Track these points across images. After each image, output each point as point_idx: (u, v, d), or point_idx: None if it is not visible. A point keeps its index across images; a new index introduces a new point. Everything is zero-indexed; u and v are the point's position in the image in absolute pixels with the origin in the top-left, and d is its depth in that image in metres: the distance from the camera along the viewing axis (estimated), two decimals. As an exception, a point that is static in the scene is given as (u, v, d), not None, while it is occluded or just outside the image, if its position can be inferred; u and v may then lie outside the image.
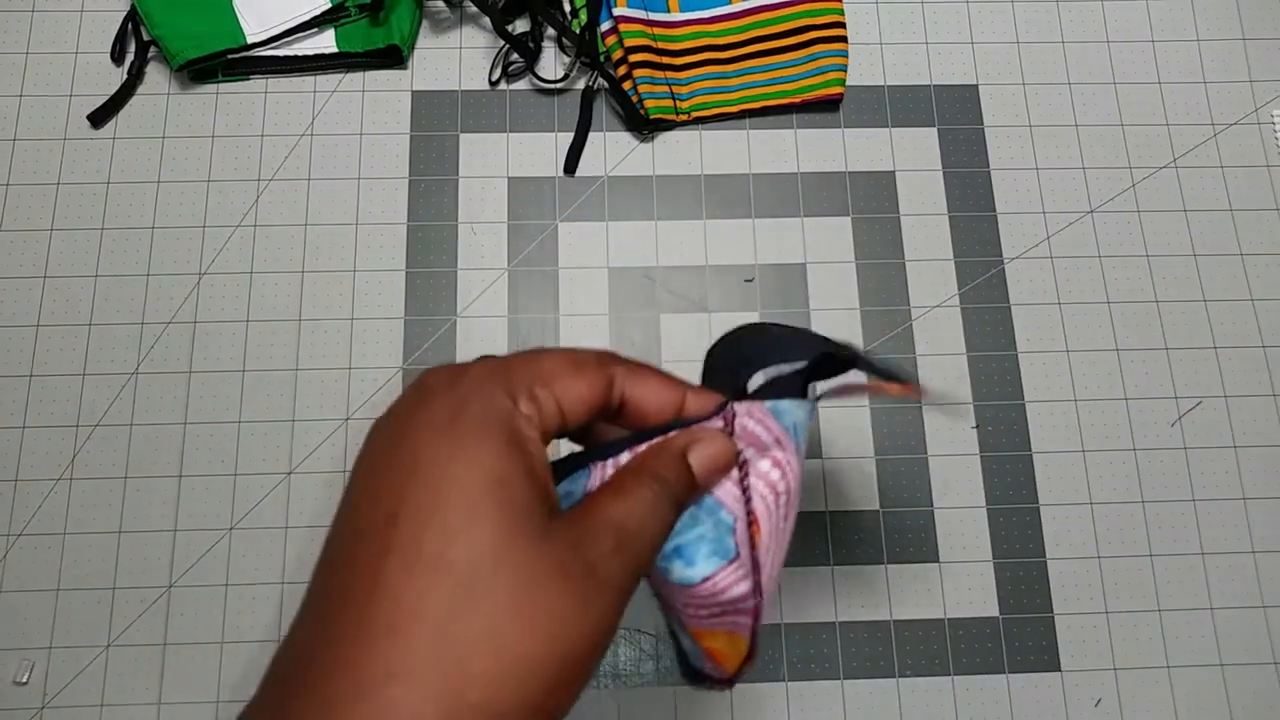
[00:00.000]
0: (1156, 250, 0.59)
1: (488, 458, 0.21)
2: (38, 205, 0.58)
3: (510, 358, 0.24)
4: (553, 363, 0.24)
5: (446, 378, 0.23)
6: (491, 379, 0.23)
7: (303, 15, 0.59)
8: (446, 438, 0.21)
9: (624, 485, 0.24)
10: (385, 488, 0.21)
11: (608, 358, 0.25)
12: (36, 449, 0.54)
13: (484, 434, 0.21)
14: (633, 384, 0.25)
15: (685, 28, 0.61)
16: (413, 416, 0.22)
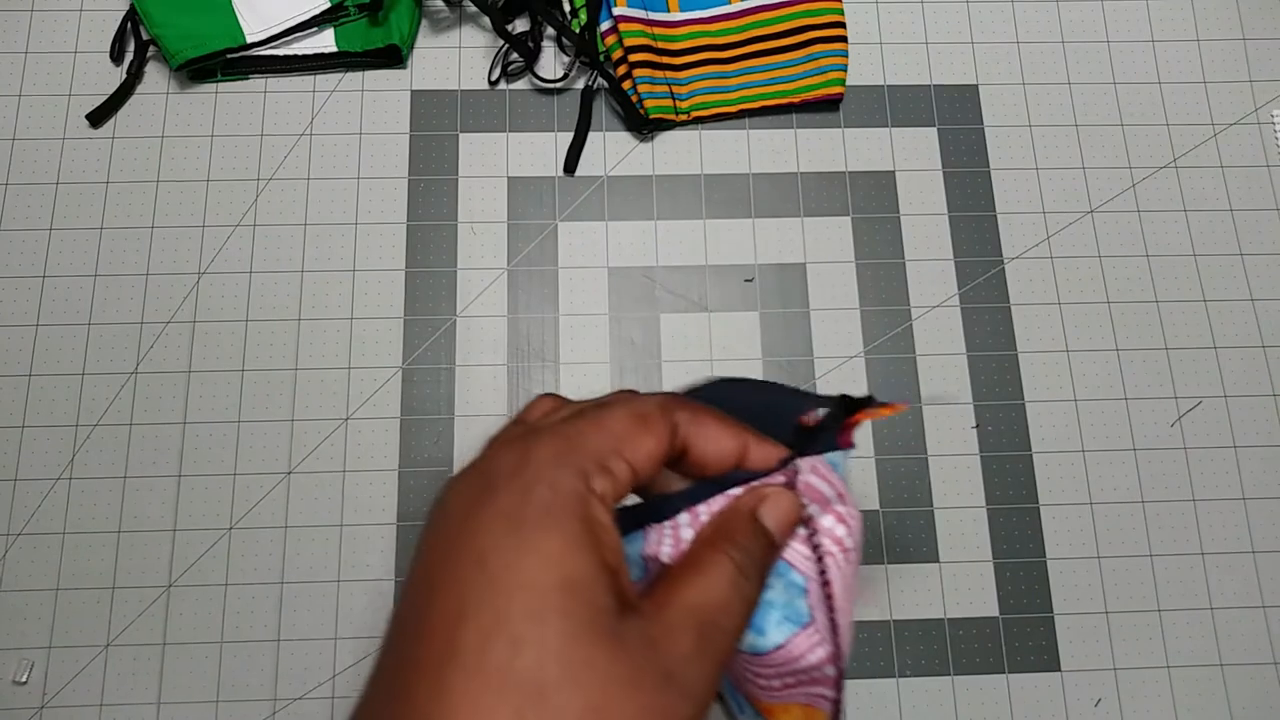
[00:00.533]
0: (1156, 250, 0.59)
1: (557, 554, 0.19)
2: (37, 205, 0.58)
3: (578, 423, 0.22)
4: (620, 422, 0.22)
5: (515, 460, 0.21)
6: (561, 458, 0.21)
7: (302, 15, 0.59)
8: (514, 532, 0.19)
9: (700, 561, 0.22)
10: (449, 584, 0.19)
11: (670, 404, 0.24)
12: (36, 449, 0.54)
13: (554, 526, 0.19)
14: (694, 431, 0.24)
15: (685, 27, 0.61)
16: (479, 504, 0.20)
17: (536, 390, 0.56)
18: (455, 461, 0.54)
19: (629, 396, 0.24)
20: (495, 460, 0.21)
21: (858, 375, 0.56)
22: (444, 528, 0.21)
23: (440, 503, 0.22)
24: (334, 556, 0.53)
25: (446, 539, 0.20)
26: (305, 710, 0.51)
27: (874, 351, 0.57)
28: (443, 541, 0.20)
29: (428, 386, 0.56)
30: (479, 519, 0.20)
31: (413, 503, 0.54)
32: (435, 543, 0.21)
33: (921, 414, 0.56)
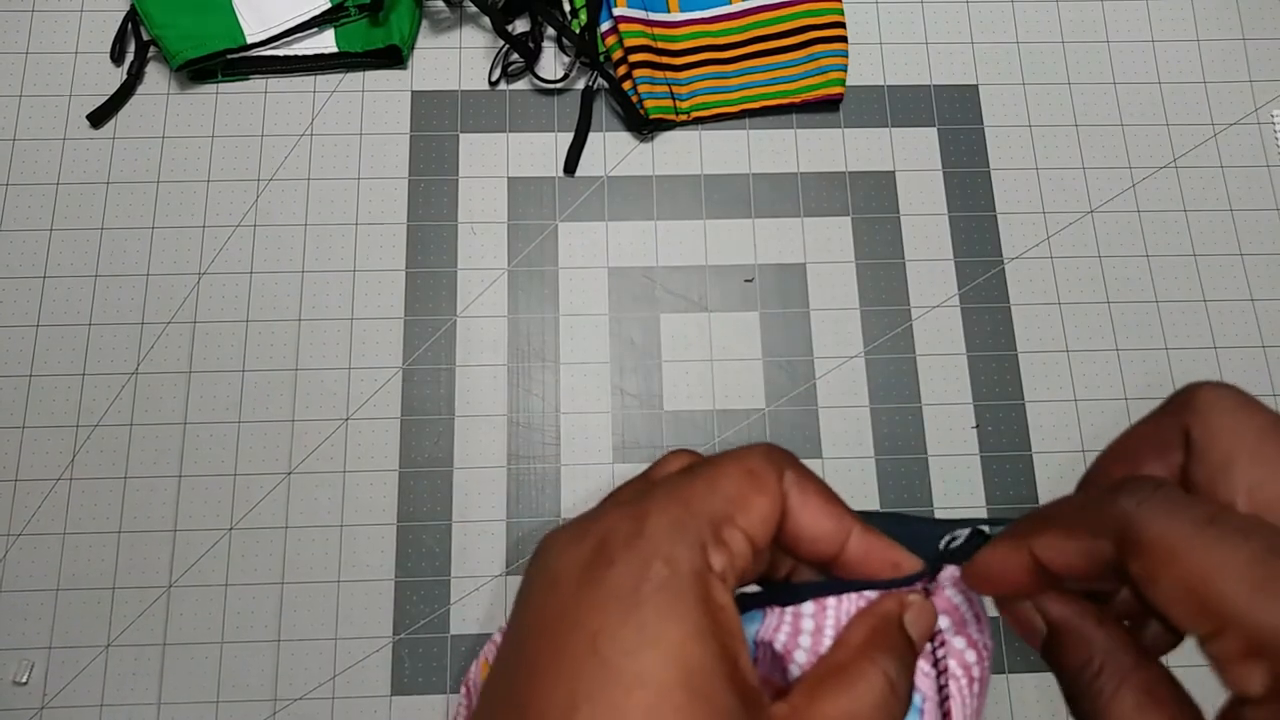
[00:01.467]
0: (1156, 250, 0.59)
1: (678, 644, 0.17)
2: (37, 205, 0.58)
3: (693, 484, 0.20)
4: (733, 481, 0.20)
5: (630, 527, 0.19)
6: (678, 527, 0.19)
7: (303, 15, 0.59)
8: (630, 615, 0.17)
9: (848, 669, 0.19)
10: (558, 668, 0.18)
11: (778, 457, 0.21)
12: (36, 449, 0.54)
13: (673, 611, 0.17)
14: (797, 498, 0.21)
15: (685, 28, 0.61)
16: (591, 577, 0.18)
17: (537, 390, 0.56)
18: (455, 461, 0.54)
19: (737, 451, 0.21)
20: (609, 524, 0.19)
21: (858, 375, 0.56)
22: (551, 598, 0.19)
23: (545, 564, 0.19)
24: (334, 556, 0.53)
25: (555, 612, 0.18)
26: (305, 710, 0.51)
27: (874, 351, 0.57)
28: (550, 615, 0.18)
29: (428, 386, 0.56)
30: (591, 595, 0.18)
31: (413, 503, 0.54)
32: (541, 614, 0.19)
33: (921, 414, 0.56)
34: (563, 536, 0.20)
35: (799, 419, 0.55)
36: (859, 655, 0.20)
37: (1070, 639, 0.20)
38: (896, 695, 0.19)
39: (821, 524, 0.21)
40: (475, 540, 0.53)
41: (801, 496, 0.21)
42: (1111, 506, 0.18)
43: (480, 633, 0.52)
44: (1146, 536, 0.17)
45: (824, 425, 0.55)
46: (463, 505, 0.54)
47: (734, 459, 0.21)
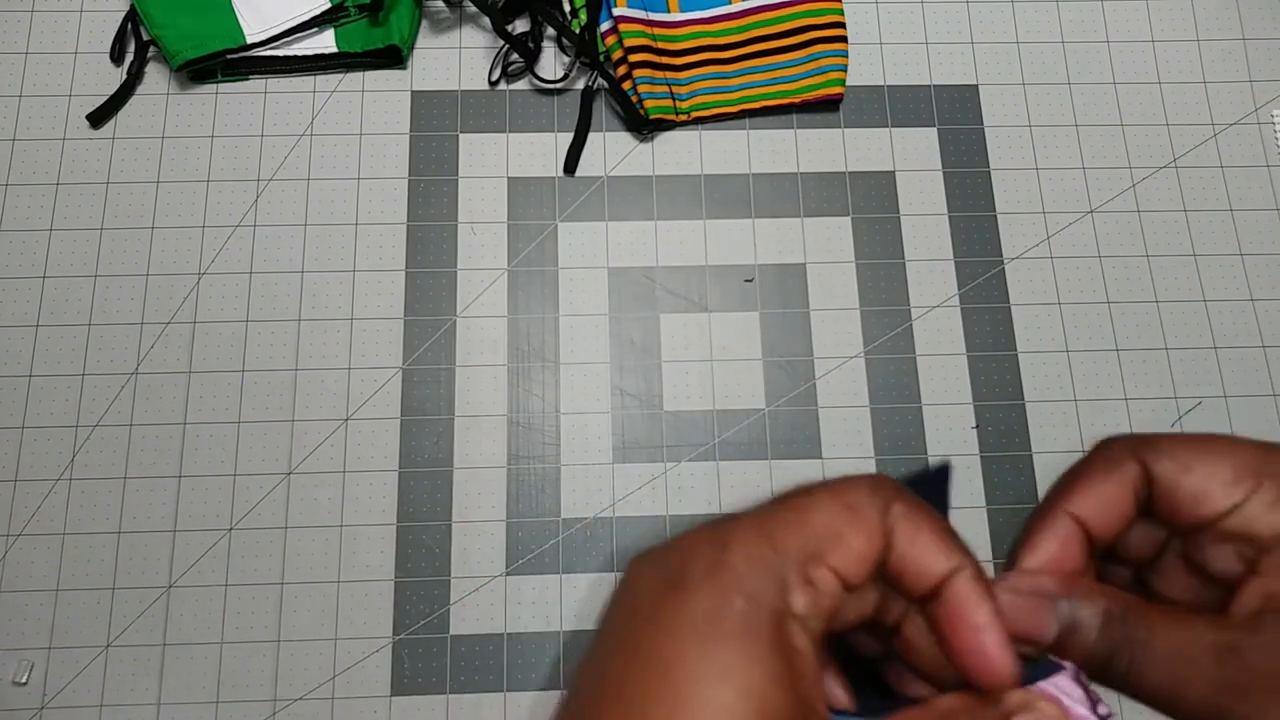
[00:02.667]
0: (1156, 250, 0.59)
1: (754, 685, 0.17)
2: (37, 205, 0.58)
3: (779, 515, 0.19)
4: (826, 517, 0.19)
5: (710, 558, 0.18)
6: (759, 563, 0.18)
7: (302, 15, 0.59)
8: (705, 646, 0.17)
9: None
10: (630, 689, 0.17)
11: (885, 493, 0.19)
12: (36, 449, 0.54)
13: (748, 650, 0.17)
14: (904, 535, 0.19)
15: (685, 28, 0.61)
16: (668, 603, 0.18)
17: (537, 390, 0.56)
18: (455, 461, 0.54)
19: (838, 483, 0.20)
20: (691, 552, 0.19)
21: (858, 375, 0.56)
22: (630, 621, 0.18)
23: (627, 585, 0.19)
24: (334, 556, 0.53)
25: (631, 634, 0.18)
26: (305, 710, 0.51)
27: (874, 351, 0.57)
28: (627, 636, 0.18)
29: (428, 386, 0.56)
30: (668, 621, 0.18)
31: (413, 503, 0.54)
32: (618, 635, 0.19)
33: (922, 414, 0.56)
34: (646, 558, 0.19)
35: (799, 419, 0.55)
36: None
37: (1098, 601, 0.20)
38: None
39: (927, 561, 0.19)
40: (475, 540, 0.53)
41: (911, 531, 0.19)
42: (1113, 444, 0.21)
43: (480, 633, 0.52)
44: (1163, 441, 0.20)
45: (824, 425, 0.55)
46: (463, 505, 0.54)
47: (832, 492, 0.19)
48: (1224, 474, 0.20)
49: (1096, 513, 0.21)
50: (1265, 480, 0.20)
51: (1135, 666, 0.19)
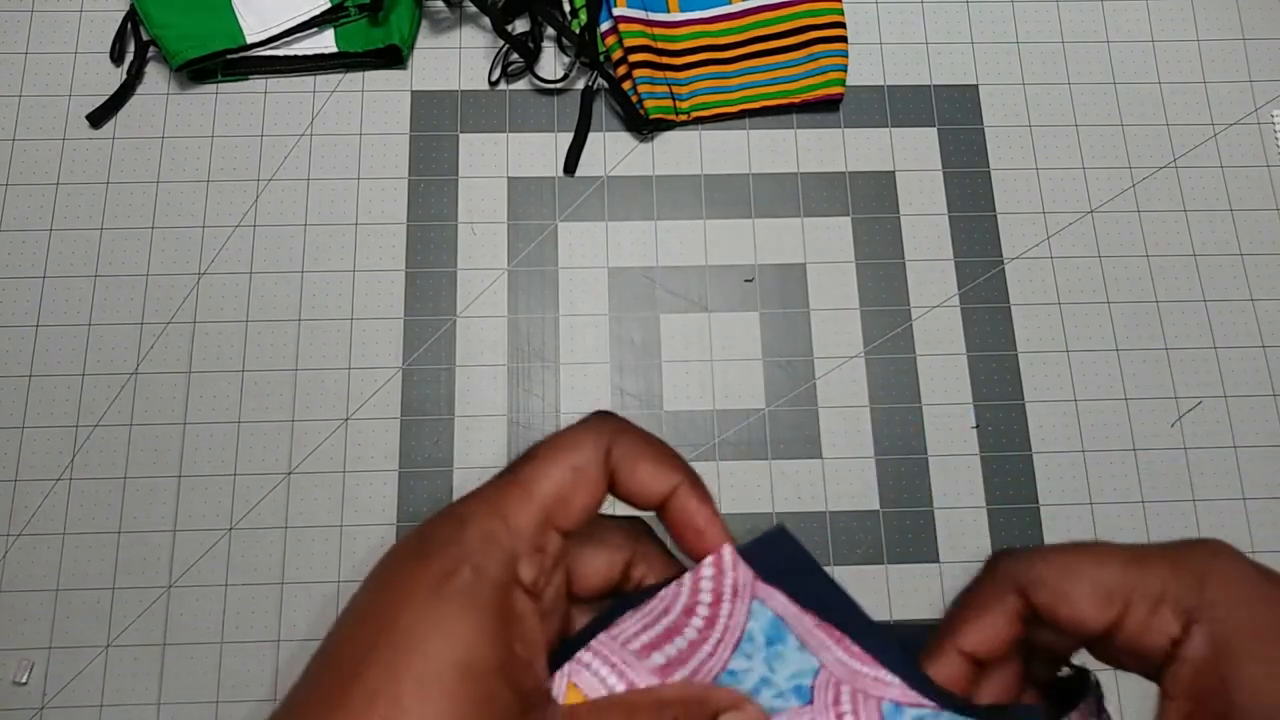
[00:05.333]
0: (1156, 250, 0.59)
1: (463, 636, 0.19)
2: (37, 205, 0.58)
3: (509, 493, 0.21)
4: (553, 485, 0.21)
5: (450, 531, 0.21)
6: (490, 540, 0.21)
7: (302, 15, 0.59)
8: (429, 604, 0.20)
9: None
10: (359, 633, 0.20)
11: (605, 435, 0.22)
12: (36, 449, 0.54)
13: (467, 610, 0.19)
14: (624, 471, 0.22)
15: (685, 28, 0.61)
16: (406, 570, 0.21)
17: (537, 390, 0.56)
18: (455, 461, 0.54)
19: (562, 442, 0.22)
20: (437, 527, 0.21)
21: (858, 375, 0.56)
22: (375, 580, 0.21)
23: (383, 559, 0.21)
24: (334, 556, 0.53)
25: (373, 590, 0.21)
26: (305, 710, 0.51)
27: (874, 351, 0.57)
28: (368, 592, 0.21)
29: (428, 386, 0.56)
30: (404, 580, 0.20)
31: (413, 503, 0.54)
32: (362, 592, 0.21)
33: (922, 414, 0.56)
34: (404, 537, 0.22)
35: (799, 419, 0.55)
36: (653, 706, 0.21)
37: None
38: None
39: (648, 489, 0.23)
40: (475, 540, 0.53)
41: (630, 467, 0.22)
42: (997, 573, 0.23)
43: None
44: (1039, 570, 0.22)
45: (824, 425, 0.55)
46: (463, 505, 0.54)
47: (557, 455, 0.22)
48: (1096, 599, 0.21)
49: (984, 645, 0.22)
50: (1135, 600, 0.21)
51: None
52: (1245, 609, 0.20)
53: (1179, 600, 0.20)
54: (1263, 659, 0.20)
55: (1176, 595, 0.21)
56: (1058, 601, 0.21)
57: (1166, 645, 0.20)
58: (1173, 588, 0.21)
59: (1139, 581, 0.21)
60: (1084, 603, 0.21)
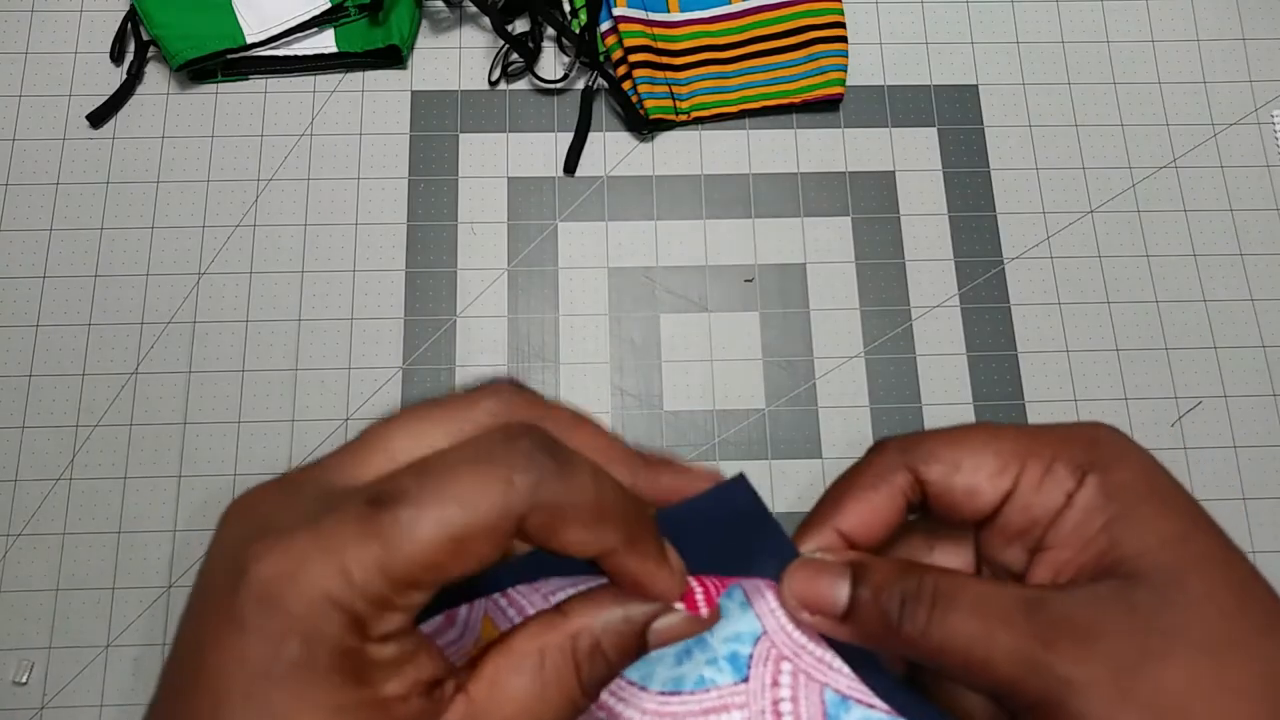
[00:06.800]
0: (1156, 250, 0.59)
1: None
2: (37, 205, 0.58)
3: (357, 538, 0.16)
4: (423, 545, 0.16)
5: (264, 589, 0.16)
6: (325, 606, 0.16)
7: (302, 15, 0.59)
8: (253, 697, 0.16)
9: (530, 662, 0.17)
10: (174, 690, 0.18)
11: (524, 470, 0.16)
12: (36, 449, 0.54)
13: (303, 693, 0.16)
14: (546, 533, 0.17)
15: (685, 28, 0.61)
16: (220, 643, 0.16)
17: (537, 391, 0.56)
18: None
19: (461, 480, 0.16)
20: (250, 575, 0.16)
21: (858, 375, 0.56)
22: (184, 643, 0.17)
23: (193, 600, 0.17)
24: (334, 556, 0.53)
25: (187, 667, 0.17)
26: (305, 710, 0.51)
27: (874, 351, 0.57)
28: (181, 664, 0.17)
29: (428, 387, 0.56)
30: (220, 661, 0.16)
31: (413, 503, 0.54)
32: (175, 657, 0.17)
33: (922, 414, 0.56)
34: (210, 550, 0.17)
35: (799, 419, 0.55)
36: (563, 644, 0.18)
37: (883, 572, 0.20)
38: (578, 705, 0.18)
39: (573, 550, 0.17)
40: (475, 540, 0.53)
41: (552, 531, 0.17)
42: (885, 450, 0.21)
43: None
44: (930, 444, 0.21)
45: (824, 425, 0.55)
46: (463, 505, 0.54)
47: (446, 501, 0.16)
48: (989, 465, 0.20)
49: (863, 526, 0.21)
50: (1029, 461, 0.20)
51: (936, 621, 0.19)
52: (1139, 462, 0.20)
53: (1073, 457, 0.20)
54: (1157, 498, 0.19)
55: (1070, 453, 0.20)
56: (951, 473, 0.20)
57: (1061, 501, 0.20)
58: (1066, 448, 0.20)
59: (1033, 445, 0.20)
60: (979, 472, 0.20)
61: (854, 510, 0.21)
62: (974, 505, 0.20)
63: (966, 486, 0.20)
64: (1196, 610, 0.18)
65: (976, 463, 0.20)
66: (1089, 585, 0.19)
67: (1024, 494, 0.20)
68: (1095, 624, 0.18)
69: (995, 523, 0.21)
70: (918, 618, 0.19)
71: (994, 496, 0.20)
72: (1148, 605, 0.18)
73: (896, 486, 0.21)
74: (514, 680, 0.17)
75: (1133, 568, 0.18)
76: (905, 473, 0.21)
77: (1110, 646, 0.18)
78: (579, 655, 0.18)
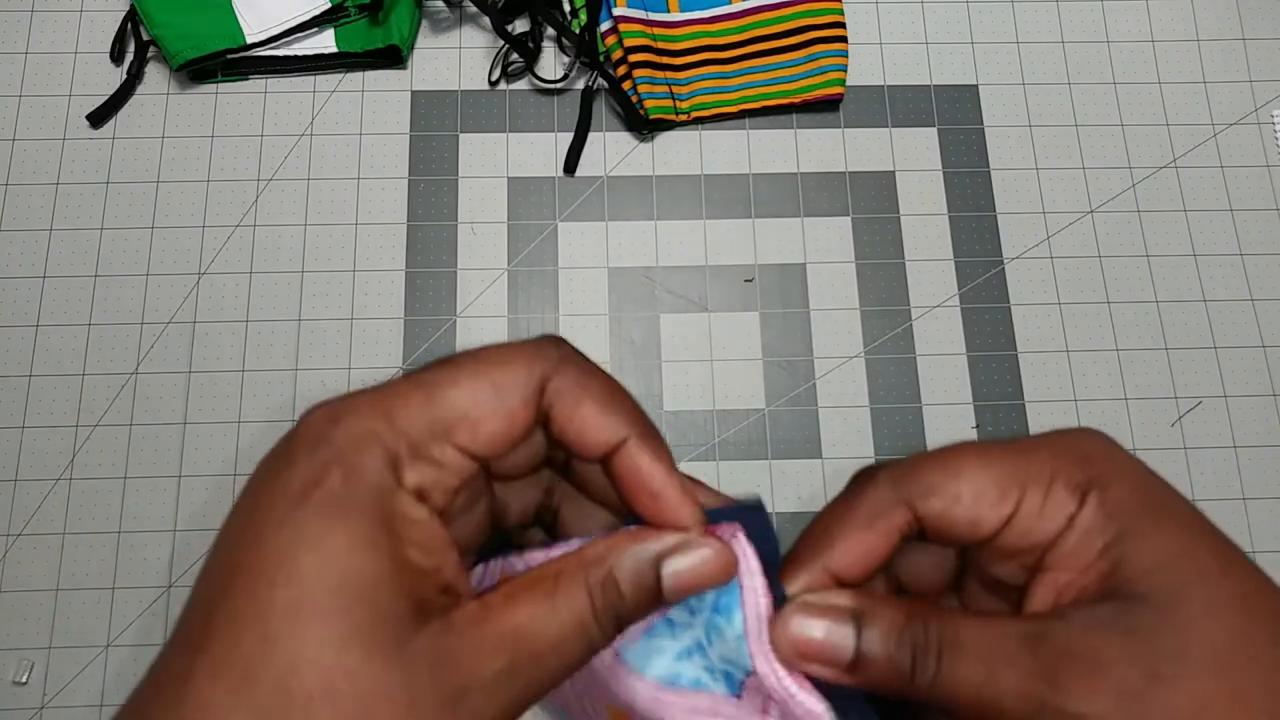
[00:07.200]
0: (1156, 250, 0.59)
1: (336, 552, 0.17)
2: (37, 205, 0.58)
3: (402, 393, 0.19)
4: (466, 396, 0.18)
5: (319, 430, 0.18)
6: (370, 438, 0.18)
7: (302, 15, 0.59)
8: (292, 518, 0.17)
9: (545, 585, 0.18)
10: (222, 566, 0.17)
11: (545, 362, 0.19)
12: (36, 449, 0.54)
13: (338, 520, 0.17)
14: (562, 408, 0.19)
15: (685, 28, 0.61)
16: (273, 476, 0.18)
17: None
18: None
19: (493, 357, 0.19)
20: (304, 426, 0.19)
21: (858, 375, 0.56)
22: (244, 497, 0.18)
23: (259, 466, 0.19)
24: (334, 556, 0.53)
25: (237, 508, 0.18)
26: (305, 710, 0.51)
27: (874, 351, 0.57)
28: (236, 513, 0.18)
29: (428, 386, 0.55)
30: (267, 492, 0.18)
31: (413, 503, 0.54)
32: (232, 512, 0.19)
33: (921, 414, 0.56)
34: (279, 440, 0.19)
35: (799, 419, 0.55)
36: (566, 576, 0.18)
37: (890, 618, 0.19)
38: (593, 626, 0.18)
39: (590, 434, 0.19)
40: (475, 540, 0.53)
41: (571, 406, 0.19)
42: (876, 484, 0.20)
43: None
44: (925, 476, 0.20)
45: (824, 425, 0.55)
46: (463, 505, 0.54)
47: (480, 369, 0.19)
48: (989, 494, 0.20)
49: (856, 566, 0.20)
50: (1029, 486, 0.20)
51: (944, 668, 0.18)
52: (1134, 475, 0.20)
53: (1070, 477, 0.20)
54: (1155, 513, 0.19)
55: (1068, 473, 0.20)
56: (951, 506, 0.20)
57: (1063, 524, 0.19)
58: (1062, 468, 0.20)
59: (1029, 468, 0.20)
60: (980, 502, 0.20)
61: (847, 550, 0.20)
62: (975, 534, 0.20)
63: (969, 519, 0.20)
64: (1199, 628, 0.17)
65: (976, 492, 0.20)
66: (1088, 610, 0.18)
67: (1025, 519, 0.20)
68: (1098, 653, 0.18)
69: (992, 543, 0.20)
70: (928, 667, 0.18)
71: (995, 524, 0.20)
72: (1149, 627, 0.18)
73: (893, 525, 0.20)
74: (527, 595, 0.18)
75: (1133, 589, 0.18)
76: (903, 511, 0.20)
77: (1116, 675, 0.17)
78: (592, 582, 0.18)
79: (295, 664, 0.16)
